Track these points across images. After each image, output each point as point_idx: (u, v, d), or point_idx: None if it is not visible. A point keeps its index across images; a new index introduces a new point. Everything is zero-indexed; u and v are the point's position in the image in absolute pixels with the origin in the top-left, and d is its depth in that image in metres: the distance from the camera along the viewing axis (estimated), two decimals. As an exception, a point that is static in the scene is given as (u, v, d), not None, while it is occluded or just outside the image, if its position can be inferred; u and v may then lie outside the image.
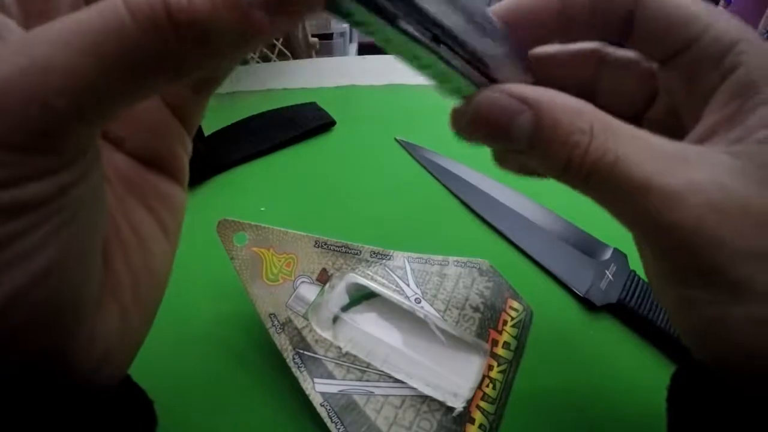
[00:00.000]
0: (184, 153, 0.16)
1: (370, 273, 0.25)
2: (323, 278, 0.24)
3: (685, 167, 0.12)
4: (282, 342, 0.22)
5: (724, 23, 0.14)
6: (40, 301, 0.10)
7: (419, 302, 0.24)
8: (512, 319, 0.24)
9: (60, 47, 0.09)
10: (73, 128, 0.09)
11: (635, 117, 0.18)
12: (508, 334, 0.24)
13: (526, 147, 0.13)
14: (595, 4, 0.15)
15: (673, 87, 0.16)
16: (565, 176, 0.13)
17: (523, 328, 0.24)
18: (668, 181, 0.12)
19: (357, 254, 0.26)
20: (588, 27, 0.16)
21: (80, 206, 0.11)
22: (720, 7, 0.42)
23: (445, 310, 0.24)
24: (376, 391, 0.21)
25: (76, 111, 0.09)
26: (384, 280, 0.25)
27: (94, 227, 0.12)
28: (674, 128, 0.15)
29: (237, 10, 0.09)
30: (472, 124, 0.14)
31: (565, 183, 0.13)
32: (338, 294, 0.24)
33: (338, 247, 0.26)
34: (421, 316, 0.24)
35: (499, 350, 0.23)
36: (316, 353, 0.22)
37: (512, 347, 0.23)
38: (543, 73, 0.17)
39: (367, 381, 0.21)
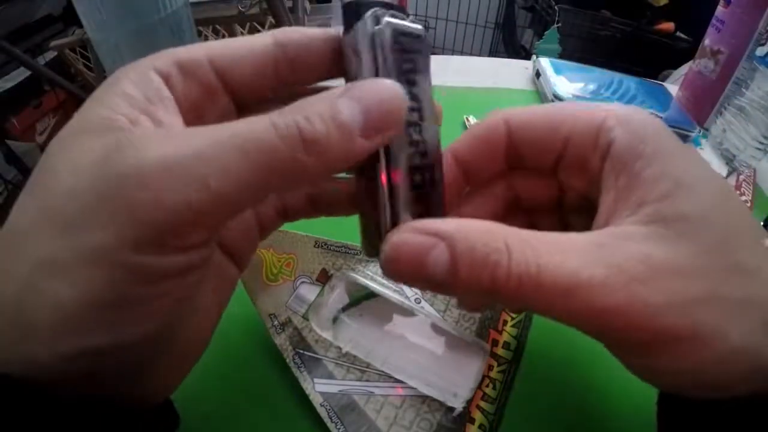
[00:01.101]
0: (252, 252, 0.19)
1: (370, 273, 0.25)
2: (323, 278, 0.24)
3: (601, 253, 0.13)
4: (282, 342, 0.22)
5: (587, 110, 0.15)
6: (146, 351, 0.13)
7: (419, 302, 0.24)
8: (512, 319, 0.24)
9: (225, 149, 0.11)
10: (216, 212, 0.12)
11: (557, 203, 0.19)
12: (508, 334, 0.24)
13: (449, 280, 0.13)
14: (479, 146, 0.17)
15: (572, 181, 0.17)
16: (496, 296, 0.13)
17: (523, 328, 0.24)
18: (591, 272, 0.12)
19: (357, 254, 0.26)
20: (483, 168, 0.18)
21: (195, 286, 0.13)
22: (720, 7, 0.42)
23: (445, 310, 0.24)
24: (376, 391, 0.21)
25: (226, 200, 0.11)
26: (384, 280, 0.25)
27: (192, 305, 0.15)
28: (593, 210, 0.16)
29: (349, 135, 0.12)
30: (389, 268, 0.13)
31: (497, 302, 0.14)
32: (338, 294, 0.24)
33: (338, 247, 0.26)
34: (421, 316, 0.24)
35: (499, 350, 0.23)
36: (316, 353, 0.22)
37: (512, 347, 0.23)
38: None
39: (367, 381, 0.21)
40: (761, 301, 0.13)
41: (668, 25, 1.24)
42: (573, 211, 0.19)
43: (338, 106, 0.13)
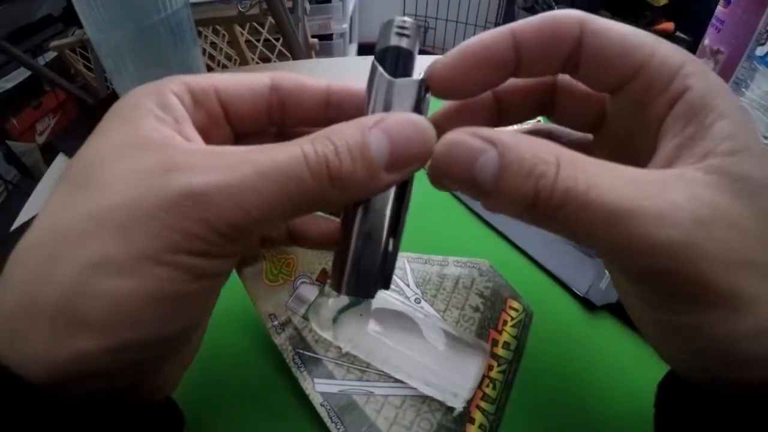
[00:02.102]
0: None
1: (370, 273, 0.25)
2: (323, 278, 0.24)
3: (661, 189, 0.12)
4: (282, 342, 0.22)
5: (667, 49, 0.14)
6: (169, 347, 0.14)
7: (419, 302, 0.24)
8: (512, 319, 0.24)
9: (263, 175, 0.13)
10: (251, 231, 0.13)
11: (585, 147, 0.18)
12: (508, 334, 0.24)
13: (493, 187, 0.13)
14: (543, 40, 0.15)
15: (624, 114, 0.16)
16: (535, 211, 0.12)
17: (523, 328, 0.24)
18: (648, 203, 0.12)
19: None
20: (538, 62, 0.16)
21: (222, 285, 0.15)
22: (719, 7, 0.42)
23: (445, 310, 0.24)
24: (376, 391, 0.21)
25: (259, 222, 0.13)
26: (384, 280, 0.25)
27: (215, 302, 0.17)
28: (625, 155, 0.15)
29: (375, 172, 0.13)
30: (438, 166, 0.13)
31: (534, 222, 0.13)
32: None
33: (338, 247, 0.26)
34: (421, 316, 0.24)
35: (499, 350, 0.23)
36: (316, 353, 0.22)
37: (512, 347, 0.23)
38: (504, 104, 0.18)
39: (367, 381, 0.21)
40: None
41: (668, 25, 1.24)
42: (602, 153, 0.17)
43: (368, 140, 0.13)
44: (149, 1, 0.36)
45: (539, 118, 0.21)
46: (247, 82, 0.17)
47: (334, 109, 0.17)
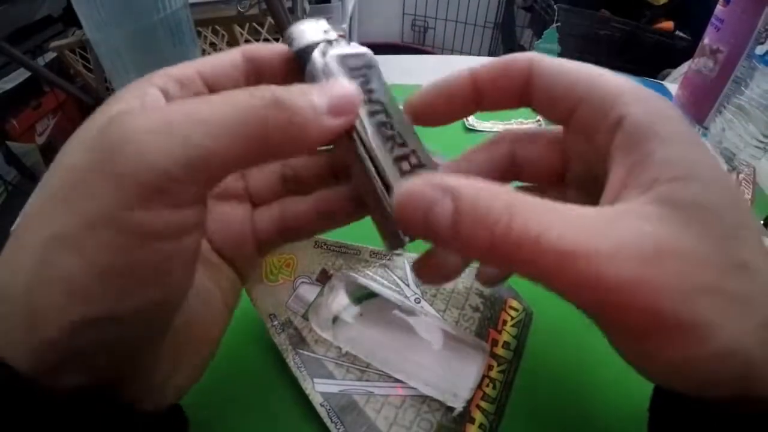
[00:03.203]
0: (250, 265, 0.20)
1: (370, 273, 0.25)
2: (323, 278, 0.24)
3: (609, 228, 0.12)
4: (282, 342, 0.22)
5: (607, 80, 0.15)
6: (145, 322, 0.13)
7: (419, 302, 0.24)
8: (512, 318, 0.24)
9: (205, 110, 0.13)
10: (203, 170, 0.13)
11: (557, 182, 0.19)
12: (508, 333, 0.24)
13: (450, 234, 0.13)
14: (497, 81, 0.17)
15: (579, 142, 0.17)
16: (491, 256, 0.13)
17: (523, 328, 0.24)
18: (596, 246, 0.12)
19: (357, 254, 0.26)
20: (495, 98, 0.18)
21: (193, 254, 0.14)
22: (719, 6, 0.42)
23: (445, 310, 0.24)
24: (376, 391, 0.21)
25: (208, 154, 0.12)
26: (384, 280, 0.25)
27: (191, 277, 0.15)
28: (593, 186, 0.16)
29: (318, 113, 0.14)
30: (399, 214, 0.14)
31: (492, 265, 0.14)
32: (338, 294, 0.24)
33: (338, 247, 0.26)
34: (421, 316, 0.24)
35: (499, 350, 0.23)
36: (316, 353, 0.22)
37: (512, 347, 0.23)
38: (465, 164, 0.19)
39: (367, 381, 0.21)
40: (760, 302, 0.12)
41: (667, 24, 1.24)
42: (573, 187, 0.19)
43: (311, 90, 0.14)
44: (148, 1, 0.36)
45: (539, 117, 0.22)
46: (223, 59, 0.17)
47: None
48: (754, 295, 0.12)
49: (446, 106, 0.18)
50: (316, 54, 0.17)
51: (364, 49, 0.18)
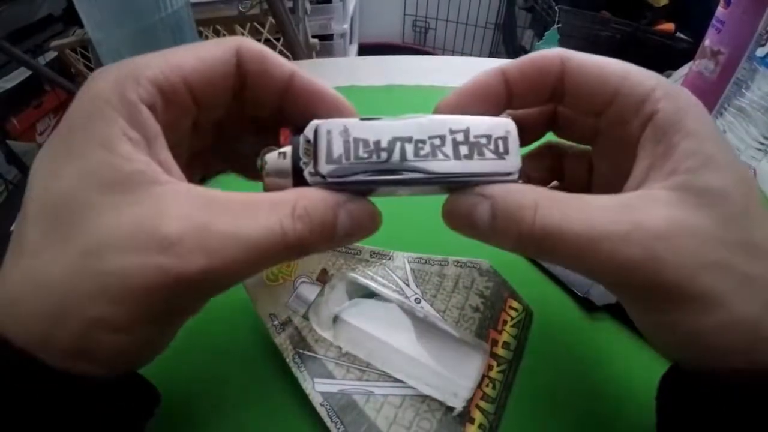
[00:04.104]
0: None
1: (370, 273, 0.25)
2: (323, 278, 0.24)
3: (627, 212, 0.14)
4: (282, 342, 0.22)
5: (638, 75, 0.16)
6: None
7: (419, 302, 0.24)
8: (512, 319, 0.24)
9: (245, 254, 0.14)
10: (225, 284, 0.14)
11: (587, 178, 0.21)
12: (508, 334, 0.24)
13: (490, 230, 0.15)
14: (529, 78, 0.18)
15: (610, 134, 0.18)
16: (522, 246, 0.15)
17: (523, 328, 0.24)
18: (613, 227, 0.14)
19: (357, 254, 0.26)
20: (527, 96, 0.18)
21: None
22: (720, 7, 0.42)
23: (445, 310, 0.24)
24: (376, 390, 0.21)
25: (232, 273, 0.14)
26: (384, 280, 0.25)
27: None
28: (620, 166, 0.17)
29: (333, 242, 0.16)
30: (448, 217, 0.17)
31: (528, 253, 0.16)
32: (338, 294, 0.24)
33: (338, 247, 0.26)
34: (421, 316, 0.24)
35: (499, 350, 0.23)
36: (316, 353, 0.22)
37: (512, 347, 0.23)
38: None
39: (367, 381, 0.21)
40: (765, 277, 0.14)
41: (668, 26, 1.24)
42: (603, 156, 0.20)
43: (337, 221, 0.15)
44: (150, 0, 0.36)
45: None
46: (214, 66, 0.16)
47: (291, 98, 0.17)
48: (762, 274, 0.14)
49: (480, 108, 0.18)
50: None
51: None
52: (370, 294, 0.25)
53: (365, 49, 1.77)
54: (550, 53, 0.17)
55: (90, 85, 0.14)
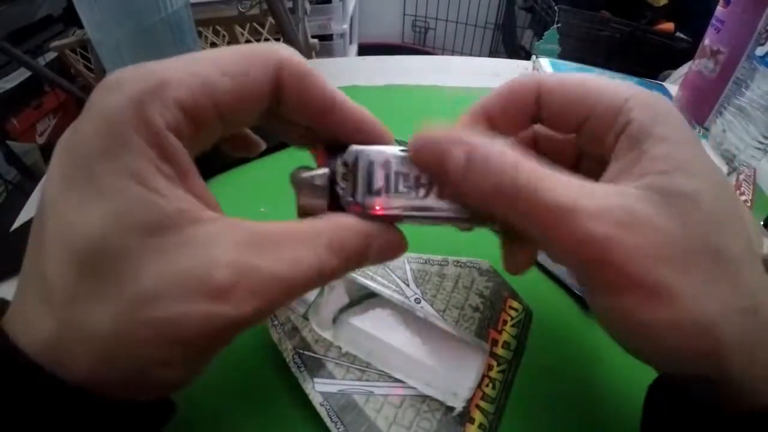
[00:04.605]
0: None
1: (370, 273, 0.25)
2: (323, 278, 0.24)
3: (596, 196, 0.14)
4: (282, 342, 0.22)
5: (613, 89, 0.17)
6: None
7: (419, 302, 0.24)
8: (512, 318, 0.24)
9: (285, 292, 0.14)
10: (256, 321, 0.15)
11: (574, 162, 0.20)
12: (508, 333, 0.24)
13: (460, 176, 0.15)
14: (508, 104, 0.18)
15: (589, 146, 0.18)
16: (494, 200, 0.15)
17: (523, 327, 0.24)
18: (584, 203, 0.14)
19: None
20: (507, 125, 0.19)
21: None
22: (719, 7, 0.42)
23: (445, 310, 0.24)
24: (376, 390, 0.21)
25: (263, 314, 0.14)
26: (384, 280, 0.25)
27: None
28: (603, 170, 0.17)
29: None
30: (416, 150, 0.16)
31: (494, 208, 0.15)
32: (338, 294, 0.24)
33: (338, 247, 0.26)
34: (421, 316, 0.24)
35: (499, 350, 0.23)
36: (316, 353, 0.22)
37: (512, 347, 0.23)
38: None
39: (367, 381, 0.21)
40: (728, 286, 0.14)
41: (668, 26, 1.24)
42: (588, 173, 0.20)
43: (367, 254, 0.16)
44: (149, 1, 0.36)
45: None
46: (250, 86, 0.15)
47: (328, 122, 0.17)
48: (723, 278, 0.14)
49: None
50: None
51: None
52: (370, 294, 0.25)
53: (365, 49, 1.77)
54: (525, 82, 0.18)
55: (104, 98, 0.13)
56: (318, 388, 0.21)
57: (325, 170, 0.16)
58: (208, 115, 0.14)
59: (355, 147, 0.16)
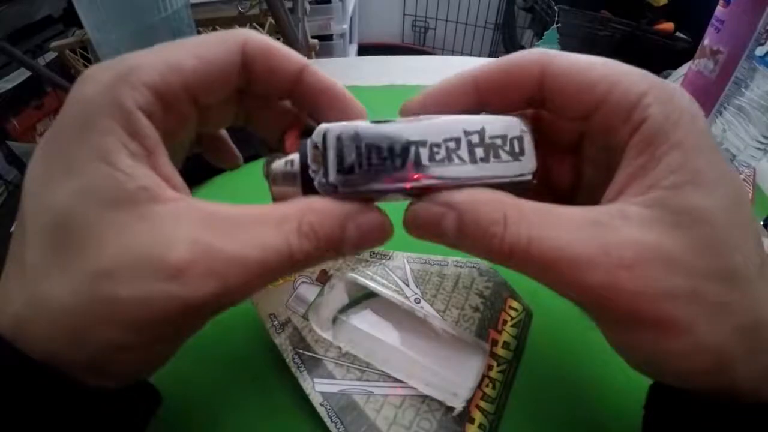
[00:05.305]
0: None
1: (370, 273, 0.25)
2: (323, 278, 0.24)
3: (596, 231, 0.13)
4: (282, 342, 0.22)
5: (629, 79, 0.15)
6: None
7: (419, 302, 0.24)
8: (512, 318, 0.24)
9: (253, 275, 0.14)
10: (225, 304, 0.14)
11: (575, 146, 0.19)
12: (508, 333, 0.24)
13: (456, 240, 0.15)
14: (502, 87, 0.17)
15: (597, 135, 0.17)
16: (490, 259, 0.15)
17: (523, 327, 0.24)
18: (579, 251, 0.13)
19: (357, 254, 0.26)
20: (501, 104, 0.17)
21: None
22: (719, 7, 0.42)
23: (445, 310, 0.24)
24: (376, 390, 0.21)
25: (235, 292, 0.14)
26: (384, 280, 0.25)
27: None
28: (608, 163, 0.16)
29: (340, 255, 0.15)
30: (411, 227, 0.16)
31: (493, 263, 0.15)
32: (338, 294, 0.24)
33: (338, 247, 0.26)
34: (421, 316, 0.24)
35: (499, 350, 0.23)
36: (316, 353, 0.22)
37: (512, 347, 0.23)
38: None
39: (367, 381, 0.21)
40: (739, 308, 0.13)
41: (668, 26, 1.24)
42: (590, 160, 0.18)
43: (345, 236, 0.15)
44: (149, 1, 0.36)
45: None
46: (218, 65, 0.15)
47: (299, 94, 0.17)
48: (734, 301, 0.13)
49: (445, 112, 0.17)
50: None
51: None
52: (370, 294, 0.25)
53: (365, 49, 1.77)
54: (527, 58, 0.16)
55: (80, 89, 0.14)
56: (318, 388, 0.21)
57: (295, 155, 0.15)
58: (177, 96, 0.15)
59: (323, 125, 0.15)
